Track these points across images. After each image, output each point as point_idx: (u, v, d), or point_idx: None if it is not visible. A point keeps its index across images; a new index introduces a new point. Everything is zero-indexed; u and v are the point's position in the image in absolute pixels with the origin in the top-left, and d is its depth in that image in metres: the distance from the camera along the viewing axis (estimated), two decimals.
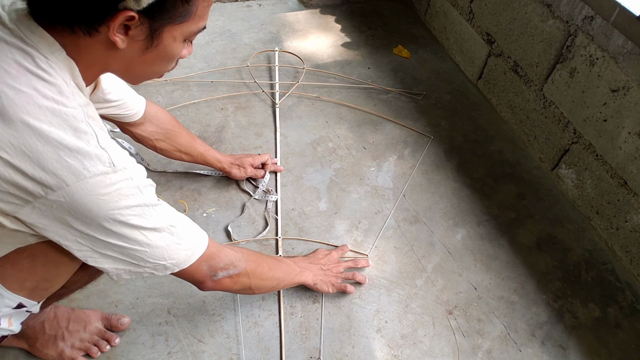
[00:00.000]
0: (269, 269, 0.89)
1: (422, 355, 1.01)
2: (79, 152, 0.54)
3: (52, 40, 0.55)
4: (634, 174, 1.14)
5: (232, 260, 0.78)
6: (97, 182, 0.55)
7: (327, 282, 1.03)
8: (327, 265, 1.05)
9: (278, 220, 1.19)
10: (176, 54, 0.62)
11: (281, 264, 0.95)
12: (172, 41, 0.60)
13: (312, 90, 1.57)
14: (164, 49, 0.60)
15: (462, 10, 1.69)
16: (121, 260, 0.63)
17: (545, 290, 1.15)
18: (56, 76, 0.55)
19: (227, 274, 0.77)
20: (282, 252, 1.13)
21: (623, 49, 1.11)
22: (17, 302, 0.65)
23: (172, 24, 0.57)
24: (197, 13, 0.58)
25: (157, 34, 0.57)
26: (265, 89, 1.54)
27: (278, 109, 1.48)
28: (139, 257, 0.63)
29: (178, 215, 0.68)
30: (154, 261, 0.65)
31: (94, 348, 0.92)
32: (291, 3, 1.96)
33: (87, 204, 0.55)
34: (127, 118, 0.96)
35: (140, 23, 0.55)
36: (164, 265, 0.66)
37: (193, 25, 0.60)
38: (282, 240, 1.16)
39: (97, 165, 0.55)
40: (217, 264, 0.75)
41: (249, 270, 0.81)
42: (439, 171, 1.39)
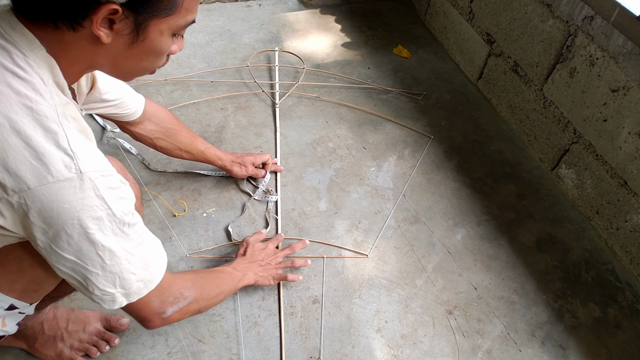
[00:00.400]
0: (215, 286, 0.85)
1: (422, 355, 1.01)
2: (45, 155, 0.51)
3: (32, 38, 0.54)
4: (634, 174, 1.14)
5: (181, 292, 0.73)
6: (59, 189, 0.52)
7: (267, 277, 1.02)
8: (265, 259, 1.03)
9: (278, 220, 1.19)
10: (165, 49, 0.61)
11: (223, 275, 0.92)
12: (159, 35, 0.58)
13: (312, 90, 1.57)
14: (151, 44, 0.58)
15: (462, 10, 1.69)
16: (72, 277, 0.59)
17: (545, 290, 1.15)
18: (33, 74, 0.54)
19: (177, 308, 0.72)
20: None
21: (623, 49, 1.11)
22: (9, 304, 0.65)
23: (158, 17, 0.56)
24: (183, 6, 0.57)
25: (142, 28, 0.56)
26: (265, 89, 1.54)
27: (278, 109, 1.48)
28: (89, 279, 0.59)
29: (144, 239, 0.64)
30: (104, 288, 0.60)
31: (93, 348, 0.92)
32: (291, 3, 1.96)
33: (46, 210, 0.52)
34: (126, 117, 0.96)
35: (124, 17, 0.53)
36: (113, 295, 0.62)
37: (180, 18, 0.58)
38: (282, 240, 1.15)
39: (62, 170, 0.52)
40: (167, 299, 0.70)
41: (197, 296, 0.77)
42: (439, 171, 1.39)
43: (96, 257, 0.57)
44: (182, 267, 1.08)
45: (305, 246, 1.10)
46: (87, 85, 0.79)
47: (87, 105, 0.84)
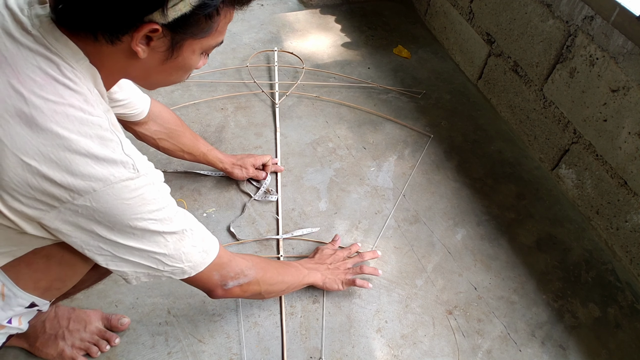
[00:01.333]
0: (278, 274, 0.89)
1: (422, 355, 1.01)
2: (105, 160, 0.55)
3: (77, 49, 0.56)
4: (634, 174, 1.14)
5: (242, 269, 0.78)
6: (123, 188, 0.56)
7: (335, 280, 1.03)
8: (333, 264, 1.05)
9: (279, 220, 1.19)
10: (194, 66, 0.64)
11: (289, 267, 0.96)
12: (191, 54, 0.61)
13: (312, 90, 1.57)
14: (182, 61, 0.61)
15: (462, 10, 1.69)
16: (141, 265, 0.64)
17: (545, 290, 1.15)
18: (81, 85, 0.56)
19: (237, 284, 0.78)
20: (282, 252, 1.13)
21: (623, 49, 1.11)
22: (30, 302, 0.66)
23: (194, 39, 0.59)
24: (217, 29, 0.59)
25: (177, 47, 0.58)
26: (265, 89, 1.54)
27: (278, 109, 1.48)
28: (158, 260, 0.64)
29: (193, 219, 0.69)
30: (173, 264, 0.66)
31: (93, 348, 0.92)
32: (291, 3, 1.97)
33: (112, 209, 0.56)
34: (132, 117, 0.96)
35: (163, 35, 0.56)
36: (182, 268, 0.68)
37: (212, 40, 0.61)
38: (282, 240, 1.16)
39: (123, 171, 0.56)
40: (228, 274, 0.76)
41: (259, 277, 0.82)
42: (439, 171, 1.39)
43: (162, 239, 0.63)
44: None
45: (376, 256, 1.12)
46: None
47: None
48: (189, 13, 0.54)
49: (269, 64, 1.65)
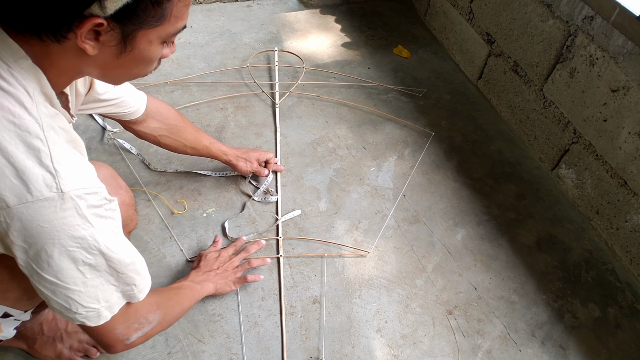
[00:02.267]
0: (178, 305, 0.82)
1: (422, 355, 1.01)
2: (25, 173, 0.50)
3: (17, 48, 0.52)
4: (634, 174, 1.14)
5: (147, 317, 0.71)
6: (39, 208, 0.51)
7: (227, 283, 1.00)
8: (221, 267, 1.01)
9: (279, 220, 1.19)
10: (154, 57, 0.59)
11: (184, 291, 0.88)
12: (148, 45, 0.56)
13: (312, 89, 1.57)
14: (140, 53, 0.57)
15: (462, 10, 1.69)
16: (54, 300, 0.58)
17: (545, 290, 1.15)
18: (17, 86, 0.52)
19: (141, 334, 0.70)
20: (282, 252, 1.13)
21: (623, 49, 1.11)
22: (2, 312, 0.64)
23: (146, 28, 0.54)
24: (172, 14, 0.55)
25: (130, 39, 0.54)
26: (265, 89, 1.54)
27: (278, 108, 1.48)
28: (71, 298, 0.58)
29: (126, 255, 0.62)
30: (88, 305, 0.59)
31: (92, 349, 0.92)
32: (291, 3, 1.96)
33: (26, 229, 0.51)
34: (128, 116, 0.95)
35: (110, 29, 0.52)
36: (97, 310, 0.61)
37: (170, 27, 0.56)
38: (282, 240, 1.15)
39: (43, 189, 0.51)
40: (132, 325, 0.68)
41: (162, 319, 0.75)
42: (439, 171, 1.39)
43: (77, 274, 0.56)
44: (182, 267, 1.08)
45: (260, 247, 1.08)
46: (84, 87, 0.77)
47: (87, 106, 0.83)
48: (132, 2, 0.50)
49: (269, 64, 1.65)
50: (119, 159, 1.26)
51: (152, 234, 1.12)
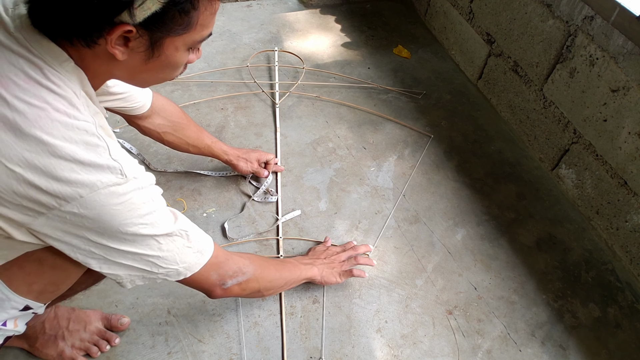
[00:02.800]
0: (276, 271, 0.90)
1: (422, 355, 1.01)
2: (92, 165, 0.54)
3: (60, 51, 0.55)
4: (634, 174, 1.14)
5: (240, 267, 0.78)
6: (110, 193, 0.55)
7: (332, 273, 1.03)
8: (328, 258, 1.05)
9: (279, 220, 1.19)
10: (181, 62, 0.62)
11: (286, 264, 0.96)
12: (175, 51, 0.59)
13: (312, 90, 1.57)
14: (167, 59, 0.59)
15: (462, 10, 1.69)
16: (135, 268, 0.63)
17: (545, 290, 1.15)
18: (66, 88, 0.55)
19: (236, 282, 0.78)
20: (282, 252, 1.13)
21: (623, 49, 1.11)
22: (24, 305, 0.65)
23: (174, 35, 0.57)
24: (199, 23, 0.57)
25: (157, 45, 0.57)
26: (265, 89, 1.54)
27: (278, 108, 1.48)
28: (152, 262, 0.64)
29: (186, 220, 0.69)
30: (167, 266, 0.66)
31: (93, 348, 0.92)
32: (291, 3, 1.97)
33: (100, 215, 0.56)
34: (134, 111, 0.96)
35: (139, 35, 0.54)
36: (177, 270, 0.67)
37: (196, 34, 0.58)
38: (282, 240, 1.16)
39: (110, 176, 0.55)
40: (226, 272, 0.76)
41: (257, 275, 0.82)
42: (439, 171, 1.39)
43: (155, 242, 0.62)
44: None
45: (369, 250, 1.12)
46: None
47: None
48: (160, 10, 0.52)
49: (269, 64, 1.65)
50: None
51: None
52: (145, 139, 1.33)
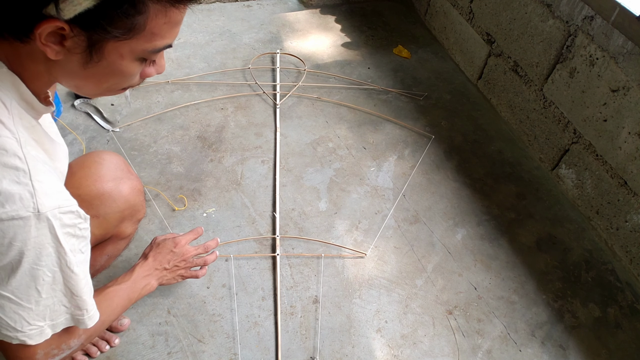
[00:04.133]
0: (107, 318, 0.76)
1: (422, 355, 1.01)
2: (2, 191, 0.49)
3: None
4: (634, 174, 1.14)
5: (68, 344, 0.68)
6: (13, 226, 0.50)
7: (174, 278, 0.92)
8: (173, 262, 0.91)
9: (276, 218, 1.19)
10: (128, 72, 0.55)
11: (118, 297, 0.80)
12: (119, 58, 0.52)
13: (312, 90, 1.57)
14: (109, 66, 0.53)
15: (462, 10, 1.69)
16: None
17: (545, 290, 1.15)
18: None
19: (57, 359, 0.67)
20: (279, 251, 1.13)
21: (623, 49, 1.11)
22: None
23: (116, 40, 0.50)
24: (148, 30, 0.50)
25: (97, 48, 0.50)
26: (266, 89, 1.54)
27: (279, 109, 1.48)
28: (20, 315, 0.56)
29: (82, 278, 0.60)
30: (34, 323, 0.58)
31: (93, 348, 0.92)
32: (291, 3, 1.97)
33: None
34: None
35: (74, 34, 0.48)
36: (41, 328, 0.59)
37: (146, 43, 0.51)
38: (279, 239, 1.15)
39: (19, 209, 0.50)
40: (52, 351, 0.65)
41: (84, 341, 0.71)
42: (439, 171, 1.39)
43: (34, 292, 0.55)
44: None
45: (217, 244, 0.99)
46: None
47: None
48: (94, 9, 0.46)
49: (271, 64, 1.65)
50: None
51: (152, 233, 1.12)
52: (146, 139, 1.33)
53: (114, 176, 0.90)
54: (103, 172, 0.88)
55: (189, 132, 1.38)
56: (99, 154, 0.93)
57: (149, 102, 1.44)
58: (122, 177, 0.91)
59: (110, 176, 0.89)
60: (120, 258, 1.06)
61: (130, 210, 0.94)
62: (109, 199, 0.88)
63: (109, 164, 0.90)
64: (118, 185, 0.89)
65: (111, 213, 0.90)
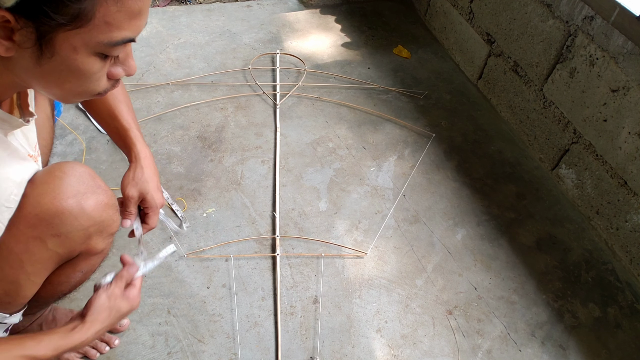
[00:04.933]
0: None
1: (422, 355, 1.01)
2: None
3: None
4: (634, 174, 1.14)
5: None
6: None
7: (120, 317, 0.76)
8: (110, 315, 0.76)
9: (276, 217, 1.19)
10: (85, 70, 0.51)
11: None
12: (72, 52, 0.48)
13: (312, 90, 1.57)
14: (63, 62, 0.49)
15: (462, 10, 1.69)
16: None
17: (545, 290, 1.15)
18: None
19: None
20: (279, 251, 1.13)
21: (623, 49, 1.11)
22: None
23: (64, 30, 0.46)
24: (100, 18, 0.47)
25: (47, 41, 0.47)
26: (266, 89, 1.54)
27: (279, 109, 1.48)
28: None
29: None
30: None
31: (92, 350, 0.92)
32: (291, 3, 1.97)
33: None
34: None
35: (20, 26, 0.45)
36: None
37: (100, 34, 0.48)
38: (280, 239, 1.15)
39: None
40: None
41: None
42: (439, 171, 1.39)
43: None
44: (182, 267, 1.08)
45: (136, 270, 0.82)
46: None
47: None
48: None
49: (271, 65, 1.65)
50: (119, 159, 1.26)
51: (152, 233, 1.12)
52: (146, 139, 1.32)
53: (76, 191, 0.77)
54: (63, 188, 0.75)
55: (189, 132, 1.38)
56: (61, 166, 0.79)
57: (149, 102, 1.44)
58: (85, 192, 0.78)
59: (71, 192, 0.76)
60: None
61: (97, 227, 0.80)
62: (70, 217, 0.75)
63: (71, 178, 0.77)
64: (80, 202, 0.76)
65: (74, 231, 0.77)
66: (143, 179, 0.83)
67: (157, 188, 0.84)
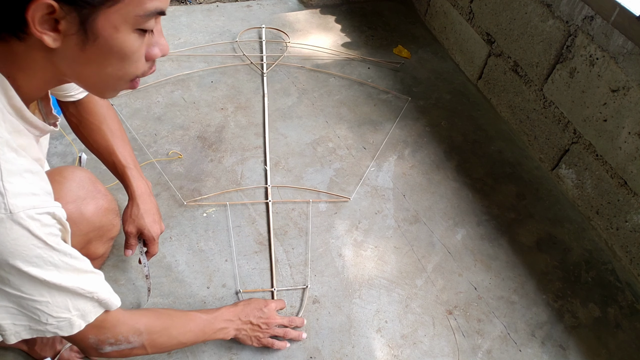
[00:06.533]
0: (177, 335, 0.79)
1: (422, 355, 1.01)
2: None
3: None
4: (634, 174, 1.14)
5: (127, 337, 0.69)
6: None
7: (251, 337, 0.93)
8: (258, 320, 0.94)
9: (267, 171, 1.25)
10: (129, 48, 0.52)
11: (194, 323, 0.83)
12: (114, 31, 0.50)
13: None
14: (107, 43, 0.50)
15: (462, 10, 1.69)
16: (20, 314, 0.56)
17: (545, 290, 1.15)
18: None
19: (116, 349, 0.69)
20: (271, 197, 1.13)
21: (623, 49, 1.11)
22: None
23: (104, 8, 0.48)
24: None
25: (90, 24, 0.48)
26: (254, 60, 1.59)
27: (266, 77, 1.55)
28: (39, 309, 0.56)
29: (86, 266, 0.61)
30: (58, 315, 0.58)
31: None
32: (291, 3, 1.96)
33: None
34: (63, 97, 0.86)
35: (65, 13, 0.46)
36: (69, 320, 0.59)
37: (135, 7, 0.49)
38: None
39: None
40: (107, 339, 0.67)
41: (146, 344, 0.73)
42: (439, 171, 1.39)
43: (40, 286, 0.54)
44: (182, 267, 1.08)
45: (302, 324, 1.01)
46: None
47: None
48: None
49: (258, 39, 1.65)
50: None
51: None
52: (146, 139, 1.33)
53: (76, 196, 0.81)
54: (63, 193, 0.79)
55: (189, 132, 1.38)
56: (61, 171, 0.83)
57: (149, 102, 1.44)
58: (85, 197, 0.82)
59: (71, 197, 0.80)
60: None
61: (97, 232, 0.85)
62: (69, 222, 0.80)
63: (71, 182, 0.81)
64: (80, 207, 0.80)
65: (73, 237, 0.77)
66: (139, 215, 0.90)
67: (154, 221, 0.92)
